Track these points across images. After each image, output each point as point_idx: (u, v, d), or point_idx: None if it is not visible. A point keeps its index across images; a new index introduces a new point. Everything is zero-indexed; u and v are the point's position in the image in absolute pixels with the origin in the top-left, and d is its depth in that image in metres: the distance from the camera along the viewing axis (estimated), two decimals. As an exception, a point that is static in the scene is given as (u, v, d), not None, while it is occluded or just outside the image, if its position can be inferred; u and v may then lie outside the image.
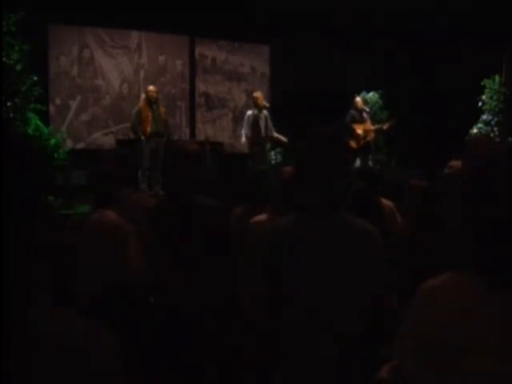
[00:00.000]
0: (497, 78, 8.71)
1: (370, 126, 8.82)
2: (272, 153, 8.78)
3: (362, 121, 8.79)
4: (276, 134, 8.06)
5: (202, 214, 2.60)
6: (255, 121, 8.01)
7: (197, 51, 10.99)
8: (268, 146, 8.22)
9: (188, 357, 2.55)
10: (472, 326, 1.14)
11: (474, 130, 8.65)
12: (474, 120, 8.74)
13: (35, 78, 7.25)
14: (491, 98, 8.69)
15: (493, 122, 8.59)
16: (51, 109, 9.53)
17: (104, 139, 10.03)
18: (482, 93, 8.76)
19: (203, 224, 2.59)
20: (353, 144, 8.65)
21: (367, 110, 9.14)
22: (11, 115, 6.83)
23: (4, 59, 6.72)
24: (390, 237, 5.50)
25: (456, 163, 3.75)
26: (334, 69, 10.28)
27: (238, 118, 11.04)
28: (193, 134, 10.98)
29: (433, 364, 1.16)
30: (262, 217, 3.27)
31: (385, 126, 8.91)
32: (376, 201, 4.62)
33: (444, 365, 1.15)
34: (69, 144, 9.20)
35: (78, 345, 0.95)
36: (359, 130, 8.71)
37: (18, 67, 6.93)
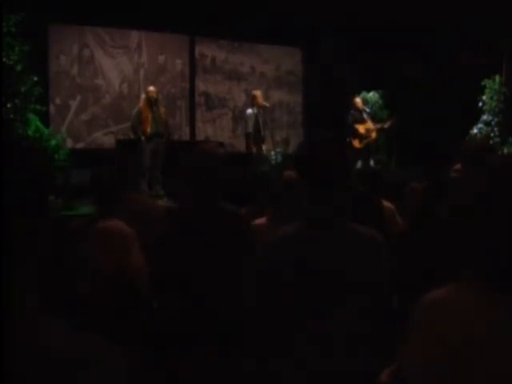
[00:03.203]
0: (497, 78, 8.70)
1: (371, 125, 8.82)
2: (272, 153, 8.77)
3: (362, 121, 8.80)
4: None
5: (229, 218, 2.60)
6: (256, 120, 8.01)
7: (197, 51, 10.98)
8: (265, 146, 8.22)
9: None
10: (474, 333, 1.14)
11: (475, 131, 8.65)
12: (475, 120, 8.74)
13: (35, 79, 7.23)
14: (491, 98, 8.68)
15: (493, 123, 8.58)
16: (51, 108, 9.52)
17: (104, 139, 10.03)
18: (483, 93, 8.76)
19: (229, 228, 2.58)
20: (356, 144, 8.66)
21: (367, 110, 9.14)
22: (11, 116, 6.81)
23: (4, 59, 6.71)
24: (390, 238, 5.51)
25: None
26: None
27: (237, 118, 11.05)
28: (193, 133, 10.97)
29: (435, 371, 1.17)
30: (261, 220, 3.21)
31: (386, 125, 8.92)
32: (377, 203, 4.62)
33: (446, 373, 1.15)
34: (69, 144, 9.20)
35: (75, 358, 0.94)
36: (362, 130, 8.72)
37: (18, 68, 6.92)
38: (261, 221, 3.20)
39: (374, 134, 8.82)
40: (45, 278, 0.95)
